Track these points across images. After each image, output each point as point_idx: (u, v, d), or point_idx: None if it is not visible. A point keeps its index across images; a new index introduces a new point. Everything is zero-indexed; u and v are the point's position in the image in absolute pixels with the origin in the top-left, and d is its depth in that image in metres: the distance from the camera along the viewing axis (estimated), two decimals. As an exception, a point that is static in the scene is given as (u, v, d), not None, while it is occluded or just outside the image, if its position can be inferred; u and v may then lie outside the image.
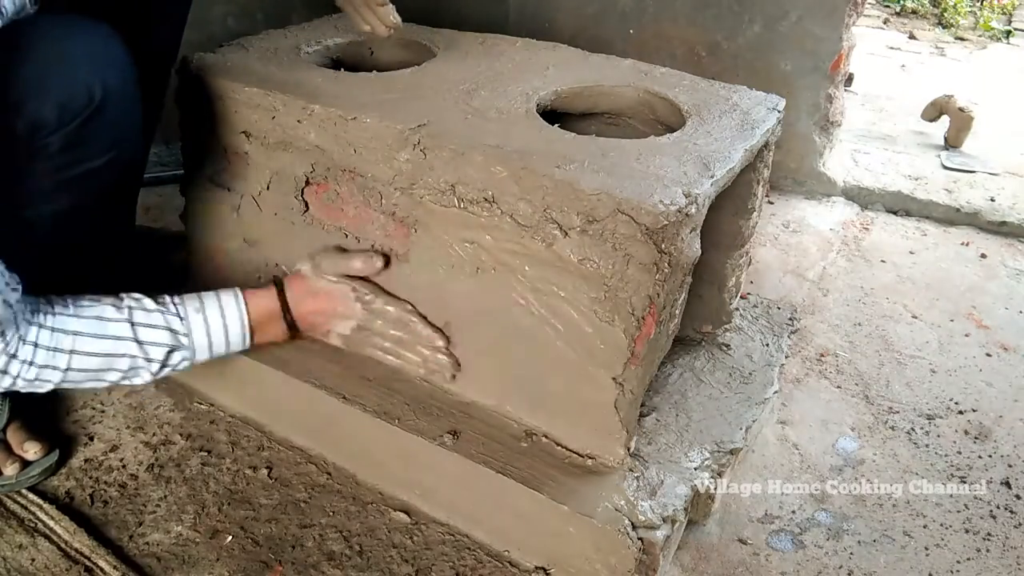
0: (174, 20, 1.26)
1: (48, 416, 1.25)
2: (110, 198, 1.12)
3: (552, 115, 1.17)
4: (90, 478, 1.16)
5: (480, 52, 1.31)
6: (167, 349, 1.02)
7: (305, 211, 1.18)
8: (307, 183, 1.16)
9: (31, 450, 1.14)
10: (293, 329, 1.14)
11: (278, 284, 1.13)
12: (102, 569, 1.00)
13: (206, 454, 1.21)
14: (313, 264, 1.14)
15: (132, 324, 0.99)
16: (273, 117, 1.13)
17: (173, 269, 1.40)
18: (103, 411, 1.28)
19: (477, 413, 1.12)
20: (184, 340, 1.03)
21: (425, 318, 1.12)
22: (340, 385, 1.16)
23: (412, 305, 1.13)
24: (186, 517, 1.10)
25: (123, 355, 0.99)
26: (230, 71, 1.18)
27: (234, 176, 1.24)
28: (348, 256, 1.13)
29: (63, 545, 1.03)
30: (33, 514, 1.07)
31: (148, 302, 1.02)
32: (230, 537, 1.08)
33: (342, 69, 1.28)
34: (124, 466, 1.18)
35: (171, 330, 1.02)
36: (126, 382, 1.03)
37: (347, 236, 1.16)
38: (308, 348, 1.22)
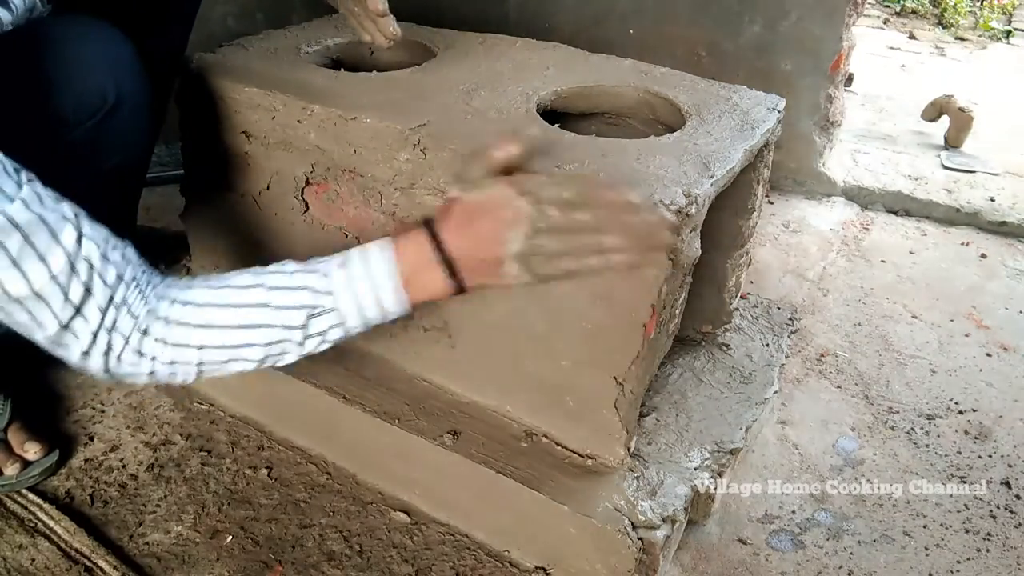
0: (184, 21, 1.26)
1: (48, 416, 1.25)
2: (115, 199, 1.12)
3: (552, 115, 1.17)
4: (90, 478, 1.16)
5: (480, 52, 1.31)
6: (307, 312, 0.85)
7: (305, 211, 1.18)
8: (307, 183, 1.16)
9: (31, 450, 1.14)
10: (455, 276, 0.84)
11: (428, 223, 0.85)
12: (102, 569, 1.00)
13: (206, 454, 1.21)
14: (458, 179, 0.87)
15: (266, 288, 0.85)
16: (273, 117, 1.13)
17: (174, 269, 1.40)
18: (103, 411, 1.28)
19: (477, 413, 1.12)
20: (326, 301, 0.85)
21: (630, 189, 0.83)
22: (340, 385, 1.16)
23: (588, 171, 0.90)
24: (186, 517, 1.10)
25: (257, 325, 0.84)
26: (230, 71, 1.18)
27: (234, 176, 1.24)
28: (487, 153, 0.85)
29: (63, 545, 1.03)
30: (33, 514, 1.07)
31: (290, 264, 0.87)
32: (230, 537, 1.08)
33: (342, 69, 1.28)
34: (124, 466, 1.18)
35: (310, 288, 0.85)
36: (275, 360, 0.88)
37: (347, 236, 1.16)
38: (308, 348, 1.22)
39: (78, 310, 0.77)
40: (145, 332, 0.81)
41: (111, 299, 0.79)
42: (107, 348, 0.80)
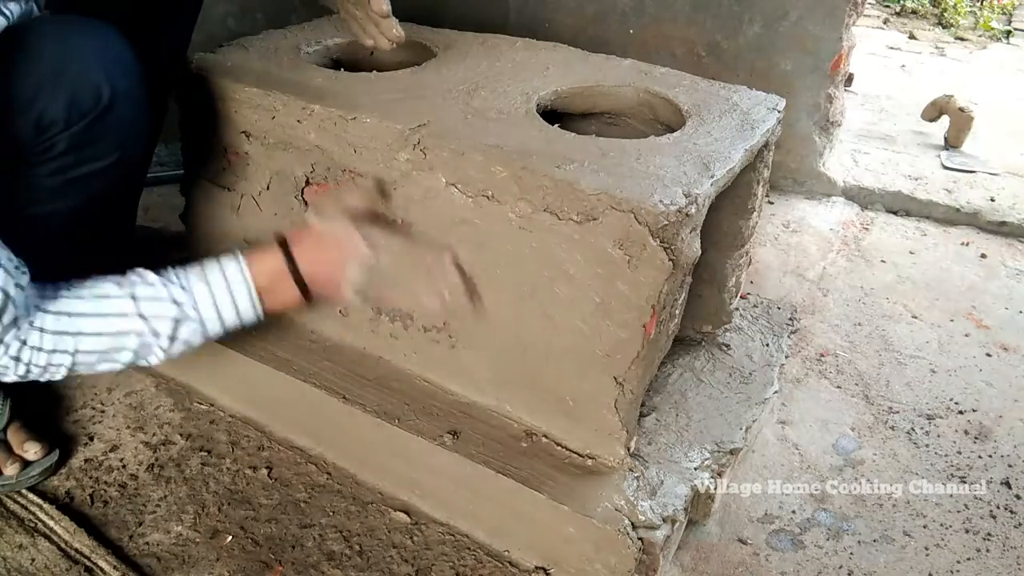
0: (184, 24, 1.26)
1: (48, 416, 1.25)
2: (114, 198, 1.12)
3: (552, 115, 1.17)
4: (90, 478, 1.16)
5: (480, 52, 1.31)
6: (173, 322, 0.98)
7: (305, 211, 1.18)
8: (307, 183, 1.16)
9: (31, 450, 1.14)
10: (305, 290, 1.04)
11: (281, 241, 1.04)
12: (102, 569, 1.00)
13: (206, 454, 1.21)
14: (313, 212, 1.07)
15: (135, 299, 0.96)
16: (273, 117, 1.13)
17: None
18: (103, 411, 1.28)
19: (477, 413, 1.12)
20: (190, 311, 0.99)
21: (432, 247, 1.05)
22: (340, 385, 1.16)
23: (410, 229, 1.05)
24: (186, 517, 1.10)
25: (129, 332, 0.96)
26: (230, 71, 1.18)
27: (234, 176, 1.24)
28: (342, 191, 1.08)
29: (63, 545, 1.03)
30: (33, 514, 1.07)
31: (150, 275, 0.99)
32: (230, 537, 1.08)
33: (342, 69, 1.28)
34: (124, 466, 1.18)
35: (175, 301, 0.98)
36: (142, 361, 1.00)
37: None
38: (308, 348, 1.22)
39: None
40: (24, 342, 0.91)
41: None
42: None
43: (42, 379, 0.96)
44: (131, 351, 0.98)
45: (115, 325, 0.96)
